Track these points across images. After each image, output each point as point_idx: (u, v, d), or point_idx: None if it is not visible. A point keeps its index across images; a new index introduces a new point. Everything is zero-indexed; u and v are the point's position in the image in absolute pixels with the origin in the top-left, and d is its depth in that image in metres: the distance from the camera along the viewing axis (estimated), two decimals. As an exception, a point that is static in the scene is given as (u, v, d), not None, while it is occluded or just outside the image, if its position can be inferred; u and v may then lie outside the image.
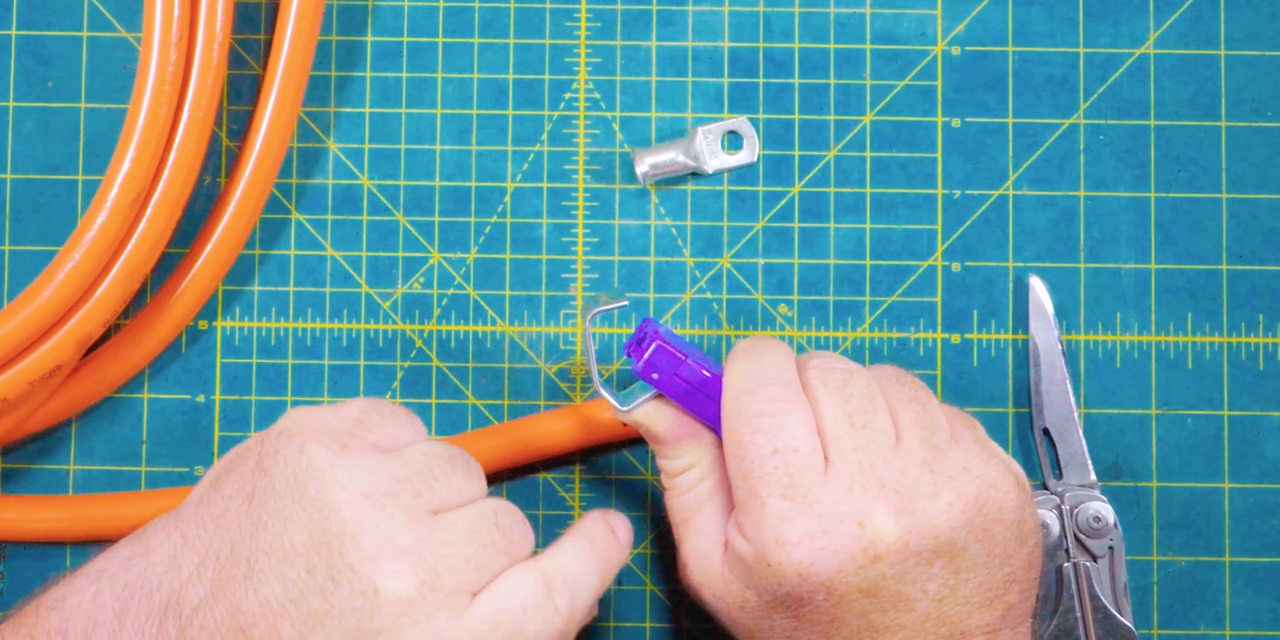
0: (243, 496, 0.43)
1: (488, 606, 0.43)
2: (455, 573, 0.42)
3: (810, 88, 0.57)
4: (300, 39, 0.54)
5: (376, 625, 0.41)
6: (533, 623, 0.43)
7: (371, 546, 0.42)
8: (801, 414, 0.47)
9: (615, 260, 0.57)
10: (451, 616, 0.42)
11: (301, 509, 0.42)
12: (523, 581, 0.43)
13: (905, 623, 0.46)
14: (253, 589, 0.41)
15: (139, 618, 0.42)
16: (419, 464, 0.44)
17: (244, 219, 0.55)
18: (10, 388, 0.51)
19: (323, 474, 0.42)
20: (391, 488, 0.43)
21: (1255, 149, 0.57)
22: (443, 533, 0.43)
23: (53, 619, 0.43)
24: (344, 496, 0.42)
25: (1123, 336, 0.57)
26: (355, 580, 0.41)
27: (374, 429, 0.45)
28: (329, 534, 0.42)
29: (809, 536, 0.46)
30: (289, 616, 0.41)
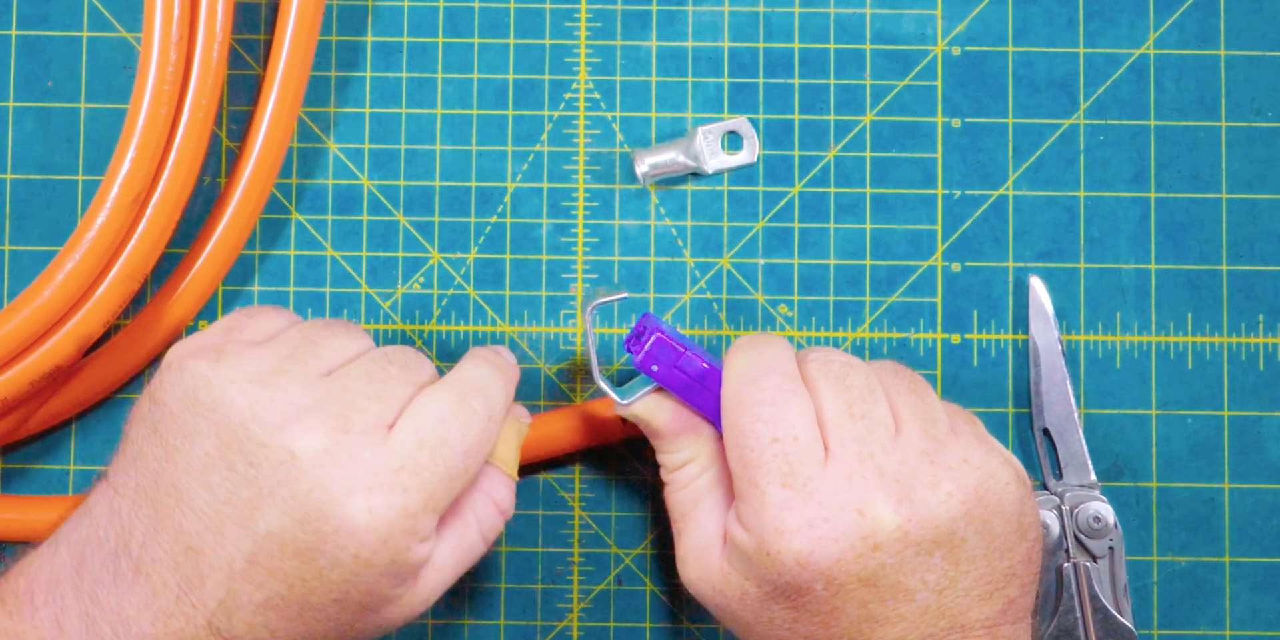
0: (149, 433, 0.45)
1: (406, 427, 0.44)
2: (362, 412, 0.44)
3: (810, 88, 0.57)
4: (300, 39, 0.54)
5: (306, 484, 0.43)
6: (454, 428, 0.45)
7: (274, 418, 0.43)
8: (802, 404, 0.47)
9: (615, 260, 0.57)
10: (374, 449, 0.43)
11: (201, 417, 0.44)
12: (433, 397, 0.45)
13: (905, 614, 0.46)
14: (186, 507, 0.43)
15: (95, 567, 0.44)
16: (296, 339, 0.46)
17: (244, 219, 0.55)
18: (10, 388, 0.51)
19: (208, 379, 0.44)
20: (276, 365, 0.44)
21: (1255, 149, 0.57)
22: (340, 384, 0.44)
23: (20, 582, 0.45)
24: (234, 389, 0.44)
25: (1123, 336, 0.57)
26: (271, 454, 0.43)
27: (245, 330, 0.47)
28: (233, 427, 0.43)
29: (808, 524, 0.46)
30: (227, 517, 0.43)
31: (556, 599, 0.56)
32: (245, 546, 0.43)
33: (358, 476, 0.43)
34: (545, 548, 0.56)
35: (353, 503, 0.43)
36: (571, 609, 0.56)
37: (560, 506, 0.57)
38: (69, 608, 0.44)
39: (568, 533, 0.56)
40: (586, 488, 0.57)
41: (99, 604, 0.44)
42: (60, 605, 0.44)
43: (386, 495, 0.43)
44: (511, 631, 0.56)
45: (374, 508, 0.43)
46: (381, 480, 0.43)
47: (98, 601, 0.44)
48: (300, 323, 0.48)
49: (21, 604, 0.44)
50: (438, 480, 0.44)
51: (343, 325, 0.47)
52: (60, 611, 0.44)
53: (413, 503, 0.44)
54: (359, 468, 0.43)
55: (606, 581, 0.56)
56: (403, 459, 0.44)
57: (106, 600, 0.44)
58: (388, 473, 0.43)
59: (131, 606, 0.43)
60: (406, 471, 0.44)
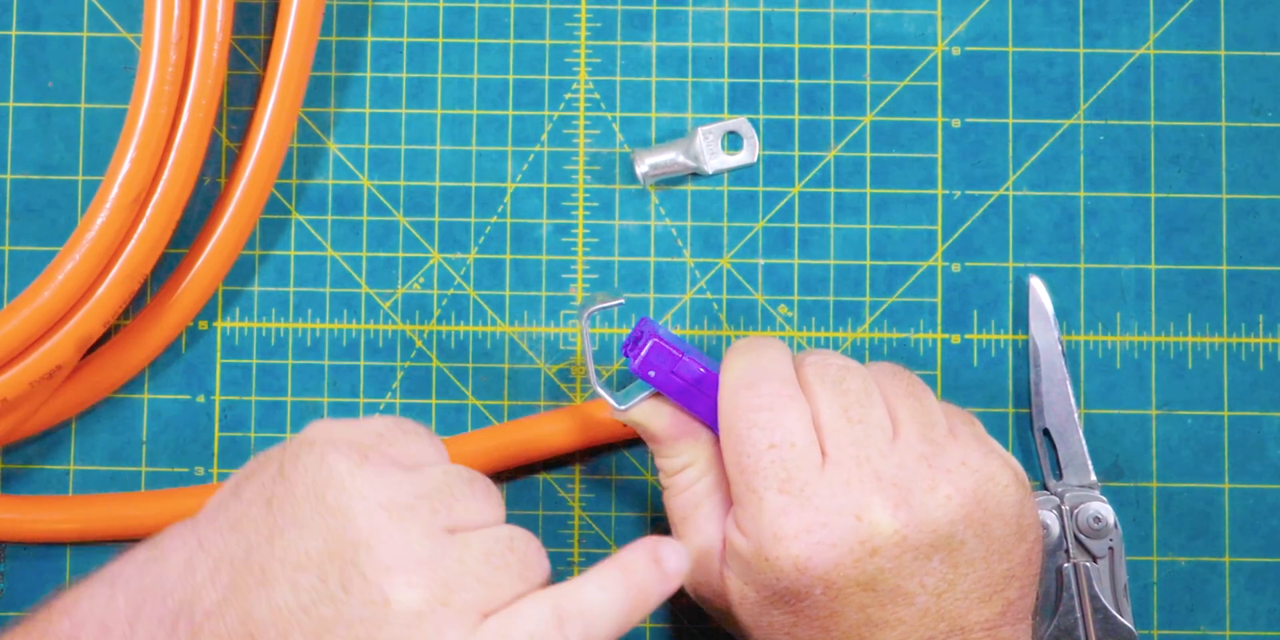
0: (261, 502, 0.43)
1: (496, 629, 0.42)
2: (467, 590, 0.41)
3: (810, 88, 0.57)
4: (300, 39, 0.54)
5: (384, 636, 0.41)
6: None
7: (385, 557, 0.41)
8: (799, 409, 0.47)
9: (615, 260, 0.57)
10: (460, 634, 0.41)
11: (319, 516, 0.42)
12: (534, 609, 0.42)
13: (904, 617, 0.46)
14: (265, 595, 0.41)
15: (151, 622, 0.42)
16: (438, 482, 0.44)
17: (244, 219, 0.55)
18: (10, 388, 0.51)
19: (342, 482, 0.42)
20: (409, 502, 0.42)
21: (1255, 149, 0.57)
22: (458, 551, 0.42)
23: (65, 624, 0.42)
24: (361, 506, 0.42)
25: (1123, 336, 0.57)
26: (367, 590, 0.41)
27: (395, 445, 0.45)
28: (344, 543, 0.41)
29: (806, 530, 0.46)
30: (299, 624, 0.41)
31: (556, 599, 0.56)
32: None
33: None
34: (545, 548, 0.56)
35: None
36: (571, 609, 0.56)
37: (560, 506, 0.57)
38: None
39: (568, 533, 0.56)
40: (586, 488, 0.57)
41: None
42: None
43: None
44: (511, 631, 0.56)
45: None
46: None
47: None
48: (446, 462, 0.45)
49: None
50: None
51: (484, 486, 0.45)
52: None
53: None
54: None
55: (606, 581, 0.56)
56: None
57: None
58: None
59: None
60: None
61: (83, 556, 0.56)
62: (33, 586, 0.56)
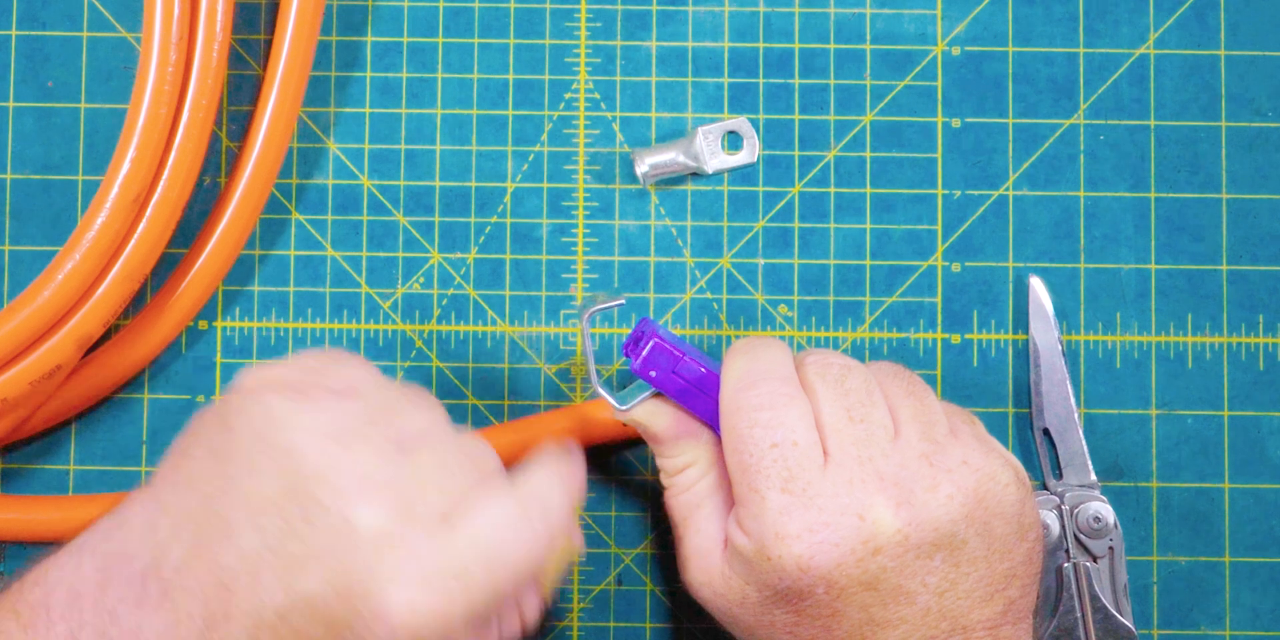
0: (210, 455, 0.43)
1: (466, 531, 0.43)
2: (428, 501, 0.42)
3: (810, 88, 0.57)
4: (300, 39, 0.54)
5: (356, 559, 0.41)
6: (512, 544, 0.43)
7: (341, 483, 0.42)
8: (800, 408, 0.47)
9: (615, 260, 0.57)
10: (431, 543, 0.42)
11: (269, 458, 0.42)
12: (498, 505, 0.44)
13: (906, 617, 0.46)
14: (231, 543, 0.41)
15: (120, 585, 0.42)
16: (378, 403, 0.44)
17: (244, 219, 0.55)
18: (10, 388, 0.51)
19: (285, 421, 0.43)
20: (355, 426, 0.43)
21: (1255, 149, 0.57)
22: (410, 465, 0.43)
23: (36, 593, 0.43)
24: (309, 440, 0.42)
25: (1123, 336, 0.57)
26: (329, 518, 0.41)
27: (328, 375, 0.45)
28: (298, 478, 0.42)
29: (809, 529, 0.46)
30: (268, 565, 0.41)
31: (557, 599, 0.56)
32: (278, 600, 0.41)
33: (408, 568, 0.41)
34: (545, 548, 0.56)
35: (396, 592, 0.41)
36: (571, 609, 0.56)
37: (560, 506, 0.56)
38: (86, 624, 0.42)
39: (568, 533, 0.56)
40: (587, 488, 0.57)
41: (118, 623, 0.42)
42: (78, 621, 0.42)
43: (430, 595, 0.41)
44: (511, 631, 0.56)
45: (415, 603, 0.41)
46: (430, 579, 0.42)
47: (117, 620, 0.42)
48: (379, 380, 0.46)
49: (37, 616, 0.43)
50: (482, 593, 0.43)
51: (421, 394, 0.46)
52: (77, 627, 0.42)
53: (454, 610, 0.42)
54: (411, 559, 0.41)
55: (606, 581, 0.56)
56: (458, 565, 0.42)
57: (127, 620, 0.42)
58: (437, 574, 0.42)
59: (152, 631, 0.42)
60: (456, 578, 0.42)
61: (83, 556, 0.56)
62: (33, 586, 0.56)
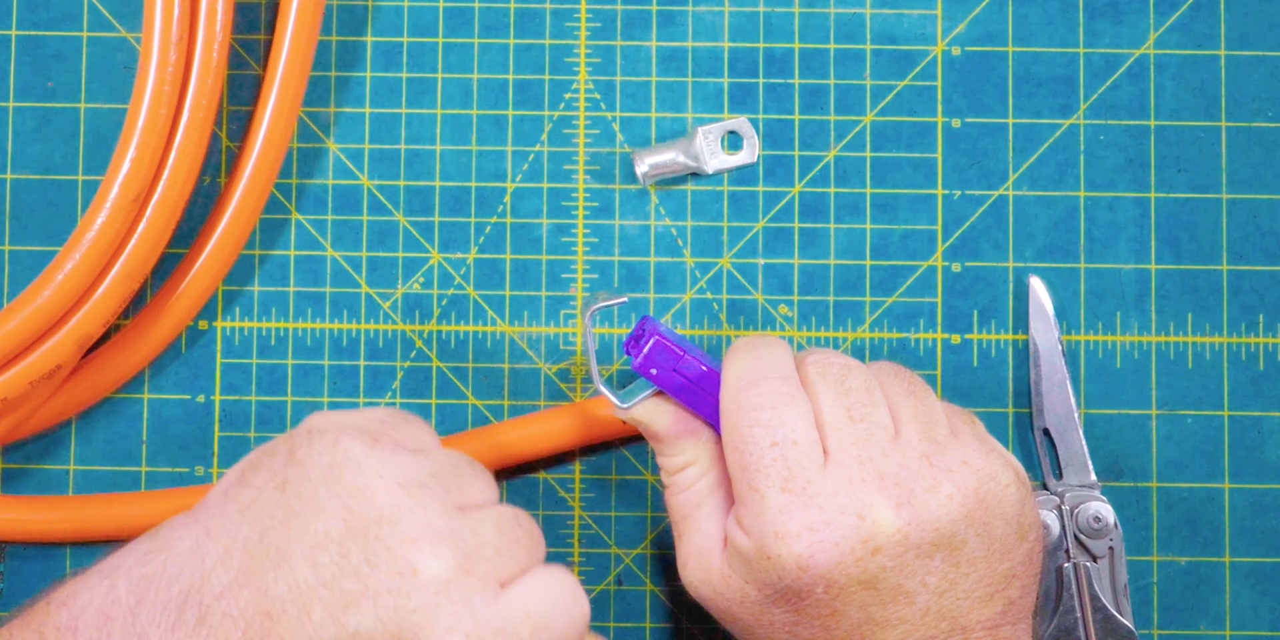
0: (273, 487, 0.43)
1: (519, 597, 0.43)
2: (486, 560, 0.43)
3: (810, 88, 0.57)
4: (300, 39, 0.54)
5: (413, 604, 0.41)
6: (560, 617, 0.43)
7: (409, 530, 0.42)
8: (801, 407, 0.47)
9: (615, 260, 0.57)
10: (485, 601, 0.42)
11: (336, 497, 0.42)
12: (553, 577, 0.44)
13: (905, 616, 0.46)
14: (283, 574, 0.41)
15: (155, 609, 0.42)
16: (445, 463, 0.45)
17: (244, 219, 0.55)
18: (10, 388, 0.51)
19: (359, 463, 0.43)
20: (424, 479, 0.43)
21: (1255, 149, 0.57)
22: (473, 524, 0.43)
23: (62, 615, 0.42)
24: (380, 484, 0.42)
25: (1123, 336, 0.57)
26: (393, 561, 0.41)
27: (398, 430, 0.46)
28: (365, 520, 0.42)
29: (809, 528, 0.46)
30: (320, 599, 0.41)
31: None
32: (326, 634, 0.41)
33: (462, 620, 0.42)
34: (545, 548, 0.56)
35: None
36: (571, 609, 0.56)
37: (560, 506, 0.57)
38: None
39: (568, 533, 0.56)
40: (586, 488, 0.57)
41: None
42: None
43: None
44: (511, 631, 0.56)
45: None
46: (482, 634, 0.42)
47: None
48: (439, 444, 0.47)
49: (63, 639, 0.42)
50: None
51: (482, 470, 0.46)
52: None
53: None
54: (467, 612, 0.42)
55: (606, 581, 0.56)
56: (507, 623, 0.42)
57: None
58: (490, 630, 0.42)
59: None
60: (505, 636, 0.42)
61: (82, 556, 0.56)
62: (32, 586, 0.56)
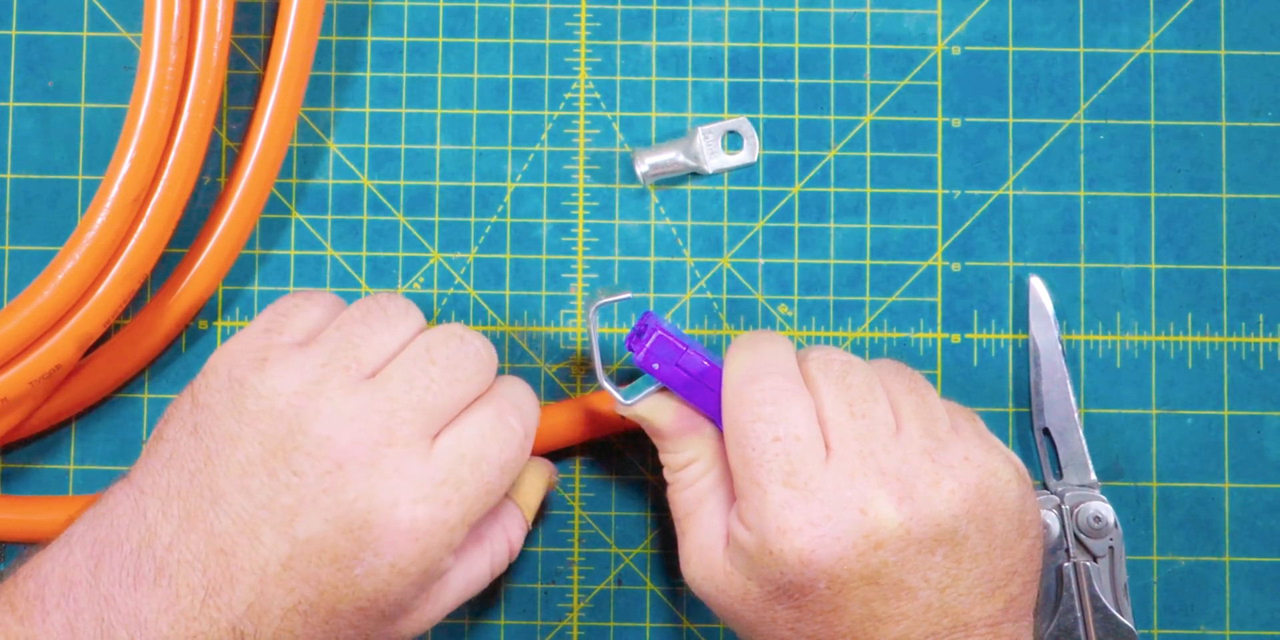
0: (187, 434, 0.45)
1: (449, 442, 0.45)
2: (405, 423, 0.44)
3: (810, 88, 0.57)
4: (300, 39, 0.54)
5: (351, 493, 0.43)
6: (493, 444, 0.46)
7: (320, 430, 0.43)
8: (803, 403, 0.47)
9: (615, 260, 0.57)
10: (418, 461, 0.44)
11: (246, 425, 0.44)
12: (473, 413, 0.46)
13: (907, 612, 0.46)
14: (221, 510, 0.43)
15: (113, 569, 0.44)
16: (336, 340, 0.46)
17: (244, 219, 0.55)
18: (10, 388, 0.51)
19: (255, 389, 0.44)
20: (318, 374, 0.45)
21: (1255, 149, 0.57)
22: (382, 391, 0.45)
23: (30, 585, 0.44)
24: (281, 400, 0.44)
25: (1123, 336, 0.57)
26: (316, 463, 0.43)
27: (285, 329, 0.47)
28: (278, 437, 0.44)
29: (811, 523, 0.46)
30: (264, 521, 0.43)
31: (556, 599, 0.56)
32: (282, 551, 0.43)
33: (402, 488, 0.44)
34: (545, 548, 0.56)
35: (397, 513, 0.43)
36: (571, 609, 0.56)
37: (560, 506, 0.57)
38: (83, 611, 0.43)
39: (568, 533, 0.56)
40: (586, 488, 0.57)
41: (115, 607, 0.43)
42: (74, 608, 0.43)
43: (430, 507, 0.44)
44: (511, 631, 0.56)
45: (417, 518, 0.44)
46: (425, 492, 0.44)
47: (114, 604, 0.43)
48: (338, 310, 0.48)
49: (32, 608, 0.44)
50: (476, 494, 0.45)
51: (379, 314, 0.47)
52: (73, 615, 0.43)
53: (452, 515, 0.44)
54: (403, 480, 0.44)
55: (606, 581, 0.56)
56: (445, 472, 0.44)
57: (124, 603, 0.43)
58: (431, 485, 0.44)
59: (150, 609, 0.43)
60: (448, 485, 0.44)
61: (83, 556, 0.56)
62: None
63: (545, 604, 0.56)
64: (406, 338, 0.47)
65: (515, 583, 0.56)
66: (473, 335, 0.47)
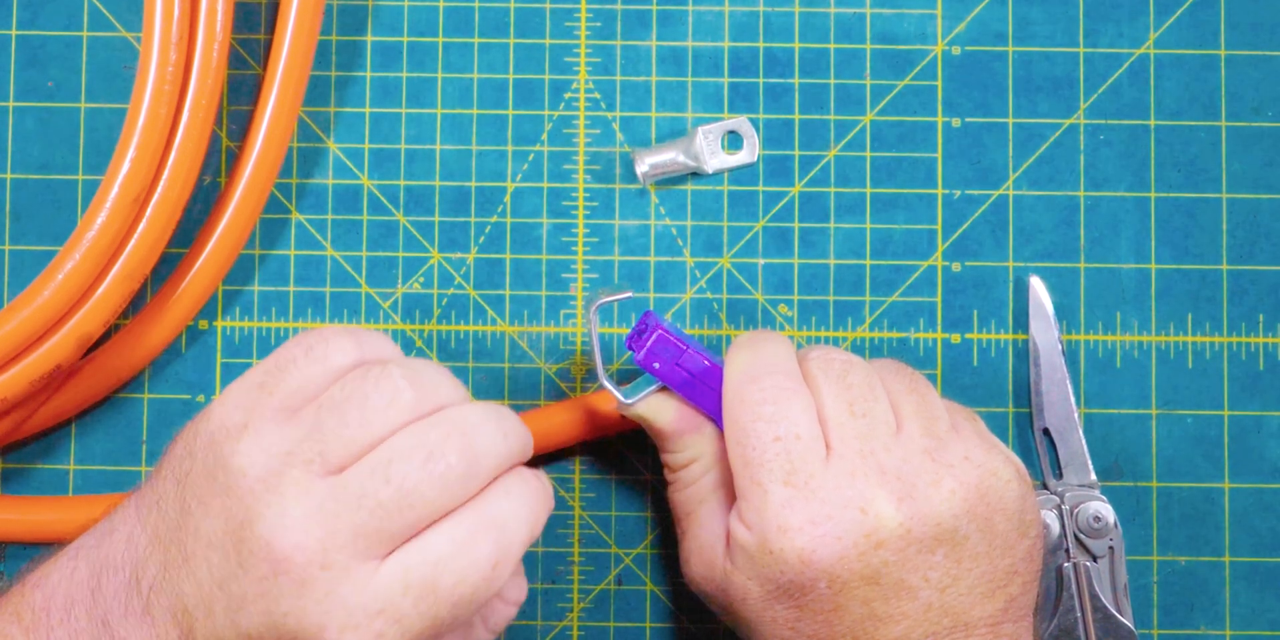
0: (174, 481, 0.44)
1: (393, 568, 0.41)
2: (342, 548, 0.41)
3: (810, 88, 0.57)
4: (300, 39, 0.54)
5: (283, 608, 0.41)
6: (447, 576, 0.42)
7: (264, 532, 0.41)
8: (803, 402, 0.47)
9: (615, 260, 0.57)
10: (352, 587, 0.41)
11: (216, 496, 0.42)
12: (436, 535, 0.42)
13: (908, 612, 0.46)
14: (189, 573, 0.43)
15: (109, 595, 0.44)
16: (310, 425, 0.43)
17: (244, 219, 0.55)
18: (10, 388, 0.51)
19: (225, 462, 0.42)
20: (281, 463, 0.42)
21: (1255, 149, 0.57)
22: (332, 500, 0.41)
23: (37, 596, 0.44)
24: (244, 483, 0.42)
25: (1123, 336, 0.57)
26: (258, 565, 0.41)
27: (277, 389, 0.44)
28: (235, 521, 0.42)
29: (811, 522, 0.46)
30: (217, 601, 0.42)
31: (556, 599, 0.56)
32: (229, 635, 0.42)
33: (332, 614, 0.41)
34: (545, 548, 0.56)
35: (327, 636, 0.41)
36: (571, 609, 0.56)
37: (560, 506, 0.57)
38: (82, 631, 0.43)
39: (568, 533, 0.56)
40: (586, 487, 0.57)
41: (110, 631, 0.43)
42: (75, 627, 0.44)
43: (359, 637, 0.41)
44: (511, 631, 0.56)
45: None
46: (356, 622, 0.41)
47: (109, 628, 0.43)
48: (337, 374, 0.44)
49: (38, 620, 0.44)
50: (420, 628, 0.42)
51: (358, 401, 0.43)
52: (75, 634, 0.44)
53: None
54: (334, 605, 0.41)
55: (606, 581, 0.56)
56: (383, 603, 0.41)
57: (117, 629, 0.43)
58: (364, 615, 0.41)
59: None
60: (384, 617, 0.41)
61: (82, 556, 0.56)
62: (32, 586, 0.56)
63: (545, 604, 0.56)
64: (380, 435, 0.42)
65: (515, 583, 0.56)
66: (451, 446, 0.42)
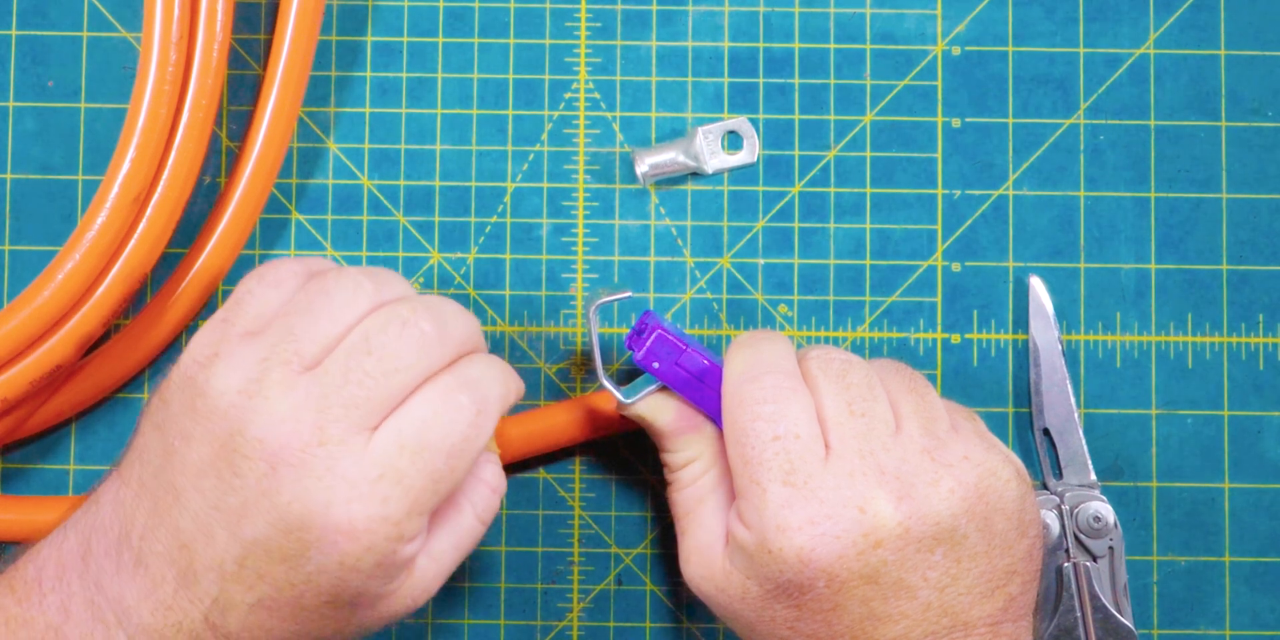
0: (154, 430, 0.45)
1: (386, 434, 0.44)
2: (336, 421, 0.43)
3: (810, 88, 0.57)
4: (300, 39, 0.54)
5: (286, 497, 0.43)
6: (435, 430, 0.44)
7: (255, 432, 0.43)
8: (803, 401, 0.47)
9: (615, 260, 0.57)
10: (351, 459, 0.43)
11: (197, 424, 0.44)
12: (417, 398, 0.44)
13: (907, 612, 0.46)
14: (182, 507, 0.44)
15: (100, 556, 0.45)
16: (279, 332, 0.45)
17: (244, 219, 0.55)
18: (10, 388, 0.51)
19: (202, 388, 0.44)
20: (259, 371, 0.44)
21: (1255, 149, 0.57)
22: (317, 386, 0.44)
23: (29, 569, 0.46)
24: (223, 401, 0.44)
25: (1123, 336, 0.57)
26: (254, 466, 0.43)
27: (239, 319, 0.46)
28: (222, 438, 0.43)
29: (810, 522, 0.46)
30: (217, 522, 0.43)
31: (556, 599, 0.56)
32: (234, 551, 0.43)
33: (335, 488, 0.43)
34: (545, 548, 0.56)
35: (332, 514, 0.43)
36: (571, 609, 0.56)
37: (560, 506, 0.57)
38: (75, 594, 0.45)
39: (568, 533, 0.56)
40: (586, 487, 0.57)
41: (103, 592, 0.44)
42: (67, 592, 0.45)
43: (366, 505, 0.43)
44: (511, 631, 0.56)
45: (354, 518, 0.43)
46: (360, 491, 0.43)
47: (102, 589, 0.44)
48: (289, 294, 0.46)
49: (30, 590, 0.45)
50: (422, 485, 0.44)
51: (323, 300, 0.45)
52: (67, 598, 0.45)
53: (395, 511, 0.43)
54: (336, 479, 0.43)
55: (606, 581, 0.56)
56: (381, 467, 0.43)
57: (110, 588, 0.44)
58: (366, 483, 0.43)
59: (132, 596, 0.44)
60: (386, 480, 0.43)
61: (83, 556, 0.56)
62: (32, 586, 0.56)
63: (545, 604, 0.56)
64: (351, 322, 0.45)
65: (515, 583, 0.56)
66: (422, 316, 0.45)
